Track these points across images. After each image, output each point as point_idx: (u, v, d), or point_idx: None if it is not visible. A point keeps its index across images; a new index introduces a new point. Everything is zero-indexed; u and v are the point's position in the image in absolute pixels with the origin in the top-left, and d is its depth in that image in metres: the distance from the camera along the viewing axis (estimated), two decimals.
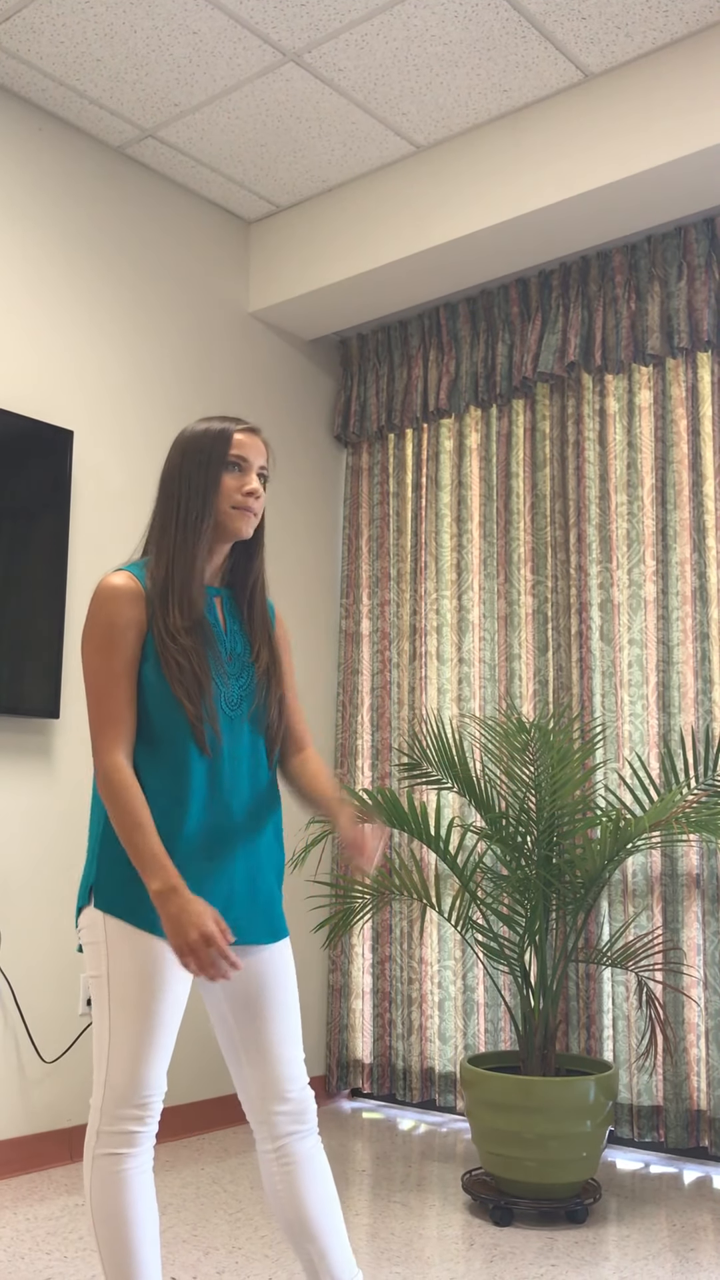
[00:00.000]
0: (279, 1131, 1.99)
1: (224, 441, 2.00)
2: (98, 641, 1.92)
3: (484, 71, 3.56)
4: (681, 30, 3.38)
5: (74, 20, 3.36)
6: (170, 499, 2.01)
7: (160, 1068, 1.90)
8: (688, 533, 3.74)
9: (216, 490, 1.99)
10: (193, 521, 1.98)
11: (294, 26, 3.38)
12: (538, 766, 3.23)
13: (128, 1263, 1.86)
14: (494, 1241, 2.90)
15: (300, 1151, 1.99)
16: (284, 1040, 2.00)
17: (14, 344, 3.63)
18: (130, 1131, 1.88)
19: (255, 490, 2.00)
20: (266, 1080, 1.99)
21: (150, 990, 1.88)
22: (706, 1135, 3.50)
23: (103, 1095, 1.89)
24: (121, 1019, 1.88)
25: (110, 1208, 1.86)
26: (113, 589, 1.94)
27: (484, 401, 4.24)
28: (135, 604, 1.94)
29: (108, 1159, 1.87)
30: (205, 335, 4.24)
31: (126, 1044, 1.88)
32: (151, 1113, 1.90)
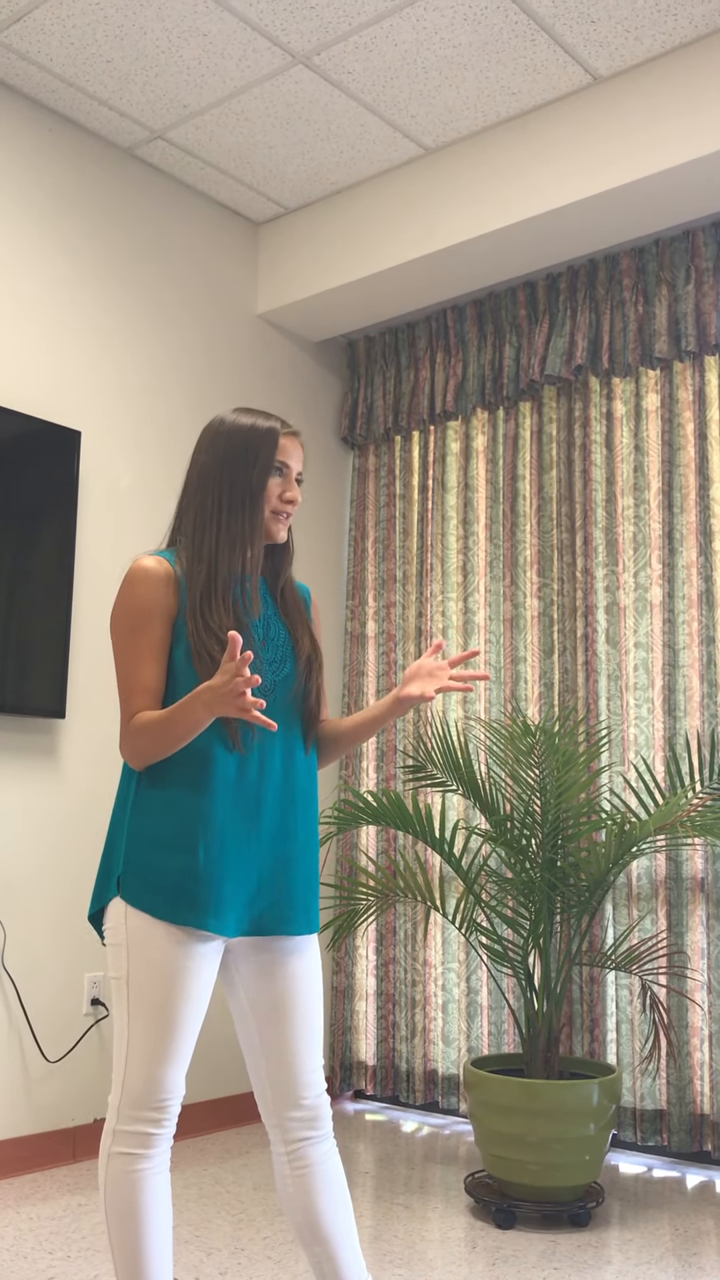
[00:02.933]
0: (292, 1135, 1.99)
1: (270, 445, 1.98)
2: (128, 623, 1.91)
3: (492, 74, 3.56)
4: (690, 34, 3.38)
5: (84, 22, 3.37)
6: (210, 495, 1.98)
7: (178, 1071, 1.89)
8: (694, 536, 3.74)
9: (263, 496, 1.98)
10: (235, 525, 1.96)
11: (303, 29, 3.38)
12: (543, 769, 3.23)
13: (137, 1263, 1.86)
14: (496, 1244, 2.90)
15: (313, 1156, 1.98)
16: (302, 1045, 1.98)
17: (22, 345, 3.63)
18: (145, 1133, 1.88)
19: (294, 498, 2.01)
20: (282, 1083, 1.98)
21: (171, 992, 1.87)
22: (710, 1139, 3.49)
23: (120, 1096, 1.88)
24: (141, 1021, 1.87)
25: (123, 1208, 1.86)
26: (145, 571, 1.93)
27: (491, 404, 4.24)
28: (167, 587, 1.92)
29: (122, 1158, 1.87)
30: (213, 336, 4.25)
31: (145, 1046, 1.87)
32: (168, 1115, 1.89)
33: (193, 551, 1.97)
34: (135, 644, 1.91)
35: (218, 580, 1.94)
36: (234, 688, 1.73)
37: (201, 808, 1.90)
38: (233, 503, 1.96)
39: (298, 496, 2.01)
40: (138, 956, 1.88)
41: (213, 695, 1.76)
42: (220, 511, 1.96)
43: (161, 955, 1.87)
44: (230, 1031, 4.04)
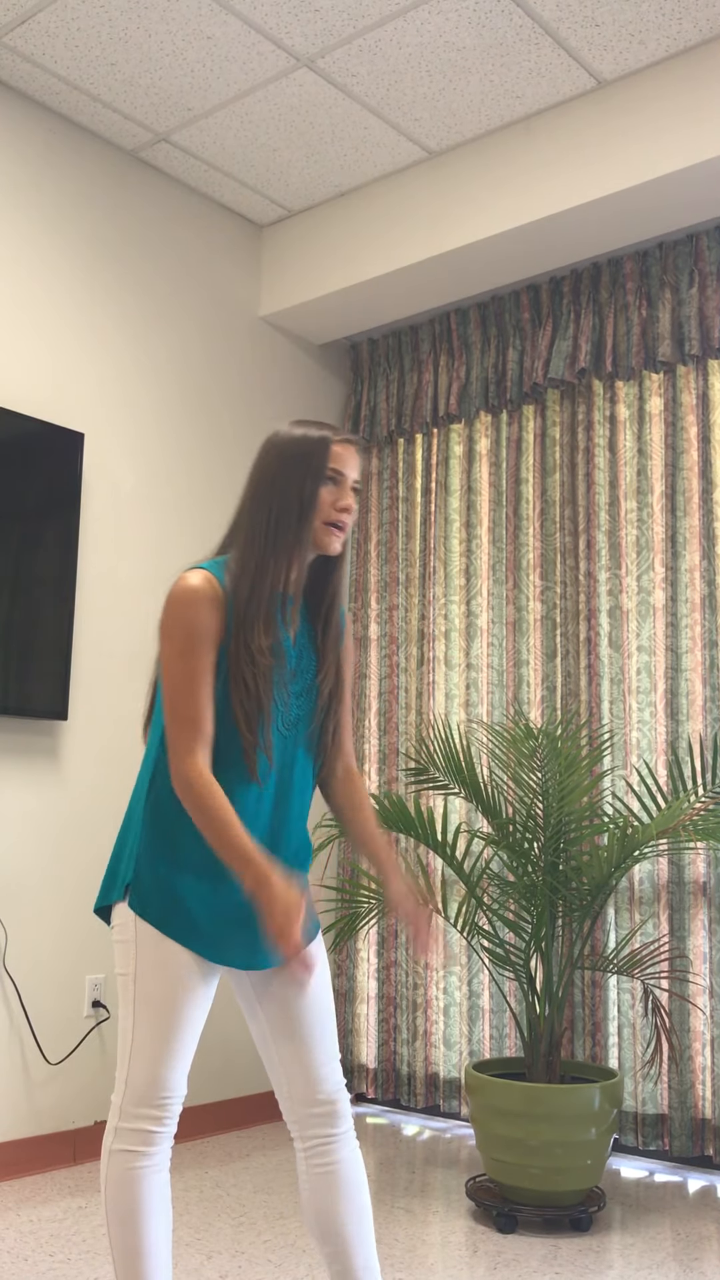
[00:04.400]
0: (310, 1133, 1.99)
1: (323, 452, 1.94)
2: (180, 645, 1.88)
3: (496, 78, 3.56)
4: (695, 37, 3.38)
5: (88, 24, 3.37)
6: (262, 506, 1.94)
7: (180, 1070, 1.90)
8: (697, 540, 3.73)
9: (314, 505, 1.93)
10: (285, 536, 1.92)
11: (307, 32, 3.39)
12: (545, 773, 3.22)
13: (136, 1262, 1.87)
14: (498, 1249, 2.89)
15: (332, 1156, 1.98)
16: (316, 1040, 1.99)
17: (26, 346, 3.64)
18: (146, 1131, 1.88)
19: (349, 506, 1.96)
20: (298, 1080, 1.98)
21: (175, 993, 1.88)
22: (711, 1144, 3.48)
23: (123, 1093, 1.89)
24: (145, 1019, 1.88)
25: (123, 1206, 1.87)
26: (194, 592, 1.88)
27: (494, 407, 4.24)
28: (216, 608, 1.89)
29: (123, 1155, 1.88)
30: (216, 339, 4.25)
31: (148, 1044, 1.88)
32: (169, 1114, 1.90)
33: (241, 565, 1.93)
34: (187, 668, 1.87)
35: (263, 598, 1.91)
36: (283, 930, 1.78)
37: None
38: (283, 513, 1.92)
39: (353, 505, 1.96)
40: (145, 956, 1.89)
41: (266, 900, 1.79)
42: (271, 523, 1.92)
43: (167, 959, 1.89)
44: (230, 1035, 4.04)
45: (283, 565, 1.93)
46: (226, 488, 4.23)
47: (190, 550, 4.07)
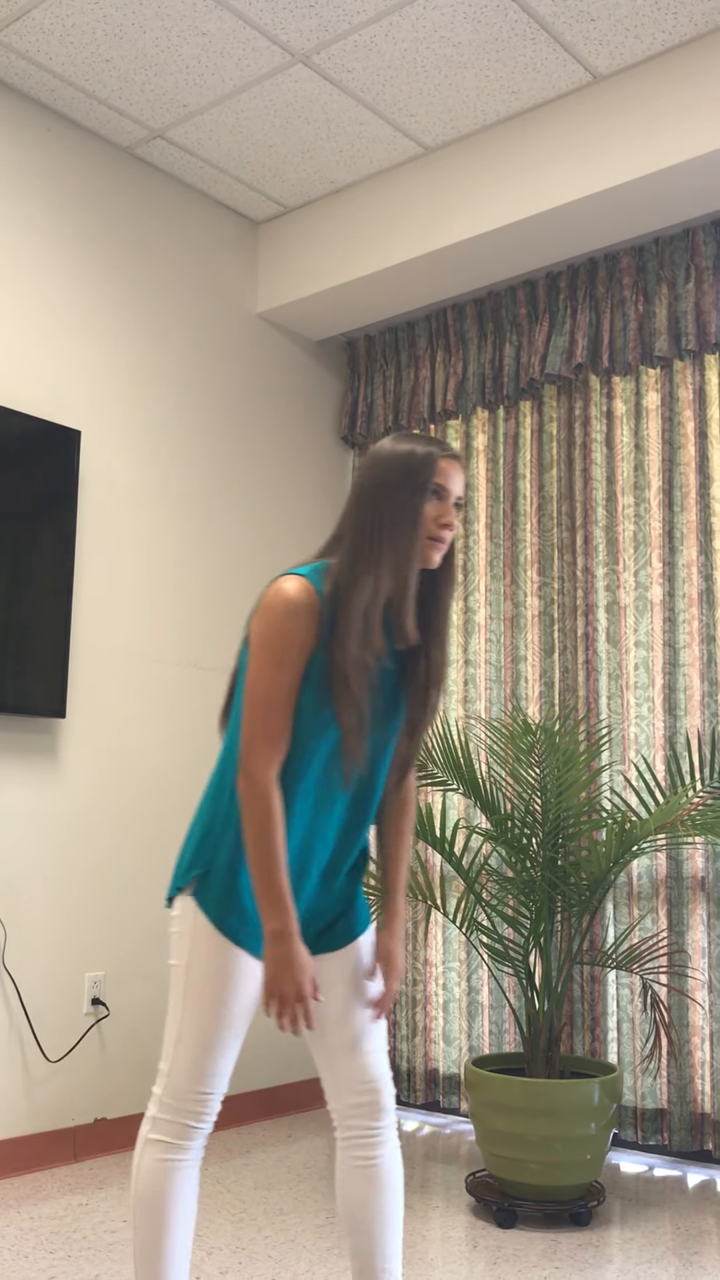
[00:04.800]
0: (351, 1124, 2.00)
1: (430, 467, 1.94)
2: (277, 655, 1.88)
3: (492, 73, 3.56)
4: (691, 32, 3.38)
5: (83, 21, 3.37)
6: (367, 518, 1.94)
7: (222, 1065, 1.92)
8: (694, 535, 3.73)
9: (419, 519, 1.93)
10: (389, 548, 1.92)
11: (303, 28, 3.38)
12: (543, 768, 3.23)
13: (156, 1253, 1.90)
14: (497, 1244, 2.90)
15: (370, 1151, 1.99)
16: (364, 1031, 2.01)
17: (21, 344, 3.63)
18: (184, 1125, 1.90)
19: (451, 522, 1.96)
20: (343, 1070, 2.00)
21: (224, 989, 1.90)
22: (711, 1138, 3.49)
23: (164, 1085, 1.92)
24: (192, 1012, 1.90)
25: (150, 1196, 1.90)
26: (293, 605, 1.88)
27: (491, 403, 4.24)
28: (312, 621, 1.89)
29: (157, 1146, 1.91)
30: (213, 336, 4.25)
31: (193, 1037, 1.90)
32: (208, 1110, 1.92)
33: (343, 575, 1.93)
34: (278, 678, 1.87)
35: (366, 610, 1.91)
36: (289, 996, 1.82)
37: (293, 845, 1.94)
38: (389, 526, 1.93)
39: (454, 522, 1.96)
40: (199, 948, 1.90)
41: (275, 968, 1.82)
42: (376, 536, 1.93)
43: (220, 955, 1.90)
44: None
45: (386, 578, 1.93)
46: (223, 484, 4.23)
47: (189, 547, 4.07)
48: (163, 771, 3.91)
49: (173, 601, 4.00)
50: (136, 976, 3.77)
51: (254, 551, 4.32)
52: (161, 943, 3.85)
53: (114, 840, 3.74)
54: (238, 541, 4.26)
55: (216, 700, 4.11)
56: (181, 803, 3.95)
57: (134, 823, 3.80)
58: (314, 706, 1.91)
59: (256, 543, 4.33)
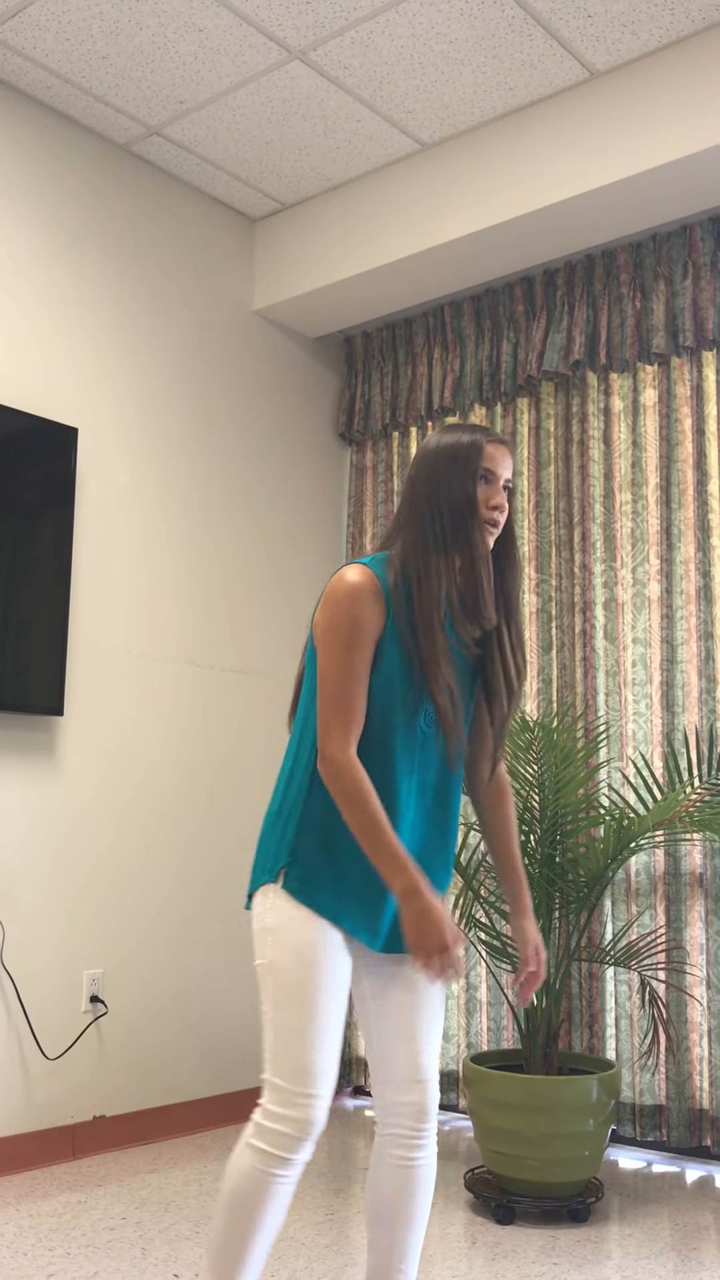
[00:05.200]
0: (393, 1122, 2.00)
1: (476, 453, 1.99)
2: (345, 638, 1.91)
3: (489, 69, 3.56)
4: (688, 28, 3.38)
5: (79, 17, 3.36)
6: (424, 507, 1.99)
7: (322, 1061, 1.87)
8: (692, 532, 3.73)
9: (474, 504, 1.98)
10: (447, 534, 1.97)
11: (299, 24, 3.38)
12: (541, 765, 3.23)
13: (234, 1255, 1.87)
14: (496, 1240, 2.90)
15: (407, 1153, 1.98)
16: (420, 1032, 2.00)
17: (18, 341, 3.63)
18: (285, 1134, 1.85)
19: (501, 504, 2.00)
20: (395, 1066, 1.99)
21: (317, 973, 1.87)
22: (709, 1135, 3.49)
23: (266, 1091, 1.88)
24: (284, 1002, 1.87)
25: (245, 1201, 1.86)
26: (358, 588, 1.93)
27: (488, 400, 4.24)
28: (378, 604, 1.93)
29: (257, 1154, 1.86)
30: (210, 333, 4.24)
31: (288, 1030, 1.87)
32: (310, 1116, 1.86)
33: (404, 562, 1.98)
34: (350, 661, 1.91)
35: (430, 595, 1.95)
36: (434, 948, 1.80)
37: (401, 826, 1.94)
38: (445, 513, 1.97)
39: (505, 504, 2.00)
40: (288, 935, 1.89)
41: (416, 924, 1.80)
42: (432, 523, 1.97)
43: (313, 932, 1.88)
44: (231, 1028, 4.05)
45: (443, 563, 1.97)
46: (221, 481, 4.23)
47: (186, 544, 4.07)
48: (160, 769, 3.91)
49: (170, 599, 4.00)
50: (135, 974, 3.77)
51: (252, 548, 4.32)
52: (159, 938, 3.85)
53: (112, 838, 3.74)
54: (235, 538, 4.26)
55: (214, 697, 4.11)
56: (179, 800, 3.96)
57: (132, 820, 3.80)
58: (390, 692, 1.93)
59: (254, 540, 4.33)
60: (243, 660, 4.22)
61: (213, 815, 4.07)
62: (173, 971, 3.88)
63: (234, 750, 4.16)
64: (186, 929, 3.94)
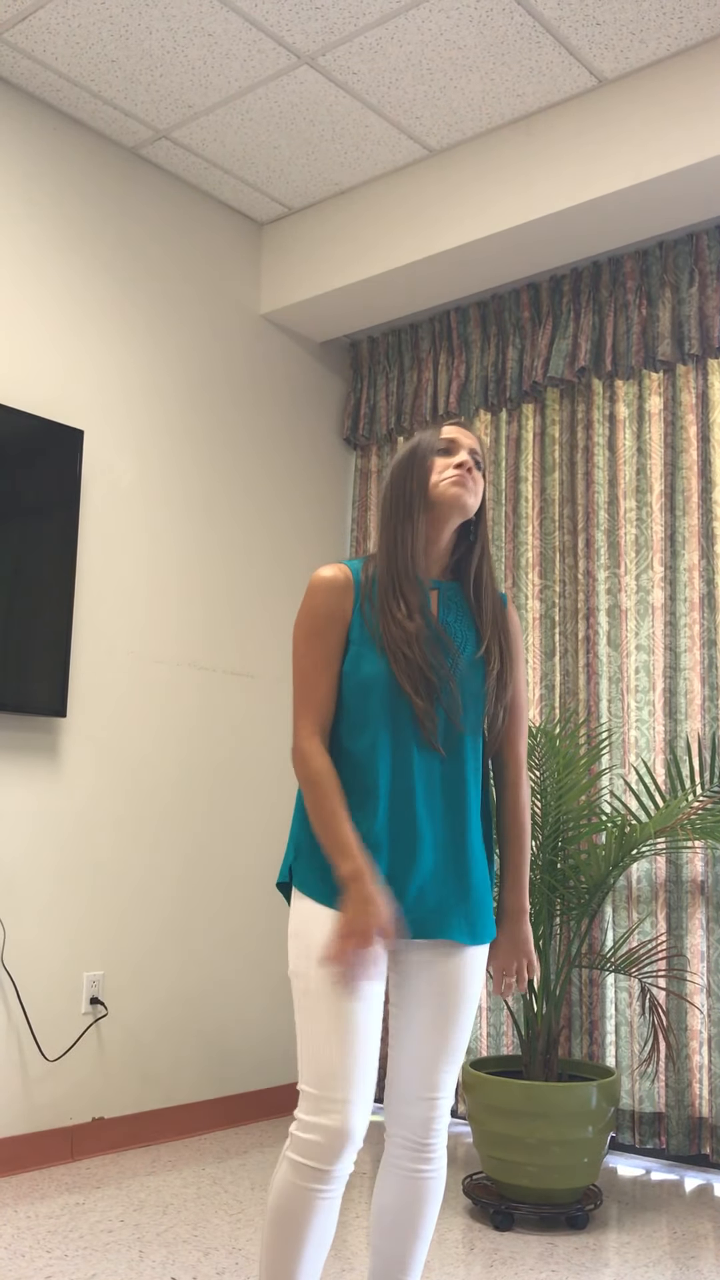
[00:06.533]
0: (403, 1135, 1.96)
1: (433, 434, 2.01)
2: (305, 629, 1.94)
3: (497, 76, 3.56)
4: (696, 37, 3.38)
5: (89, 21, 3.37)
6: (387, 499, 2.01)
7: (351, 1062, 1.80)
8: (696, 539, 3.74)
9: (428, 471, 1.97)
10: (406, 507, 1.97)
11: (308, 29, 3.39)
12: (543, 771, 3.23)
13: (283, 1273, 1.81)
14: (494, 1246, 2.90)
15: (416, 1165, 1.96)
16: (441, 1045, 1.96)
17: (25, 343, 3.64)
18: (320, 1144, 1.78)
19: (465, 461, 1.97)
20: (409, 1076, 1.96)
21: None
22: (708, 1143, 3.49)
23: (300, 1098, 1.84)
24: (312, 1006, 1.83)
25: (286, 1219, 1.80)
26: (322, 580, 1.95)
27: (494, 406, 4.24)
28: (343, 595, 1.95)
29: (293, 1167, 1.81)
30: (216, 336, 4.25)
31: (317, 1035, 1.82)
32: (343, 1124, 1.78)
33: (377, 549, 2.00)
34: (310, 650, 1.93)
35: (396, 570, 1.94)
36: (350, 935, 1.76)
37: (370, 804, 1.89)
38: (404, 491, 1.98)
39: (469, 461, 1.97)
40: (311, 935, 1.85)
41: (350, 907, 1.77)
42: (394, 504, 1.99)
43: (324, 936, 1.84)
44: (230, 1030, 4.04)
45: (408, 534, 1.96)
46: (226, 485, 4.23)
47: (191, 547, 4.07)
48: (162, 771, 3.91)
49: (174, 601, 4.00)
50: (135, 976, 3.77)
51: (256, 552, 4.32)
52: (159, 941, 3.85)
53: (114, 839, 3.74)
54: (240, 542, 4.26)
55: (217, 700, 4.12)
56: (180, 802, 3.96)
57: (134, 822, 3.81)
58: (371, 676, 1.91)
59: (259, 543, 4.34)
60: (245, 663, 4.23)
61: (214, 817, 4.07)
62: (173, 974, 3.88)
63: (235, 752, 4.17)
64: (188, 932, 3.94)
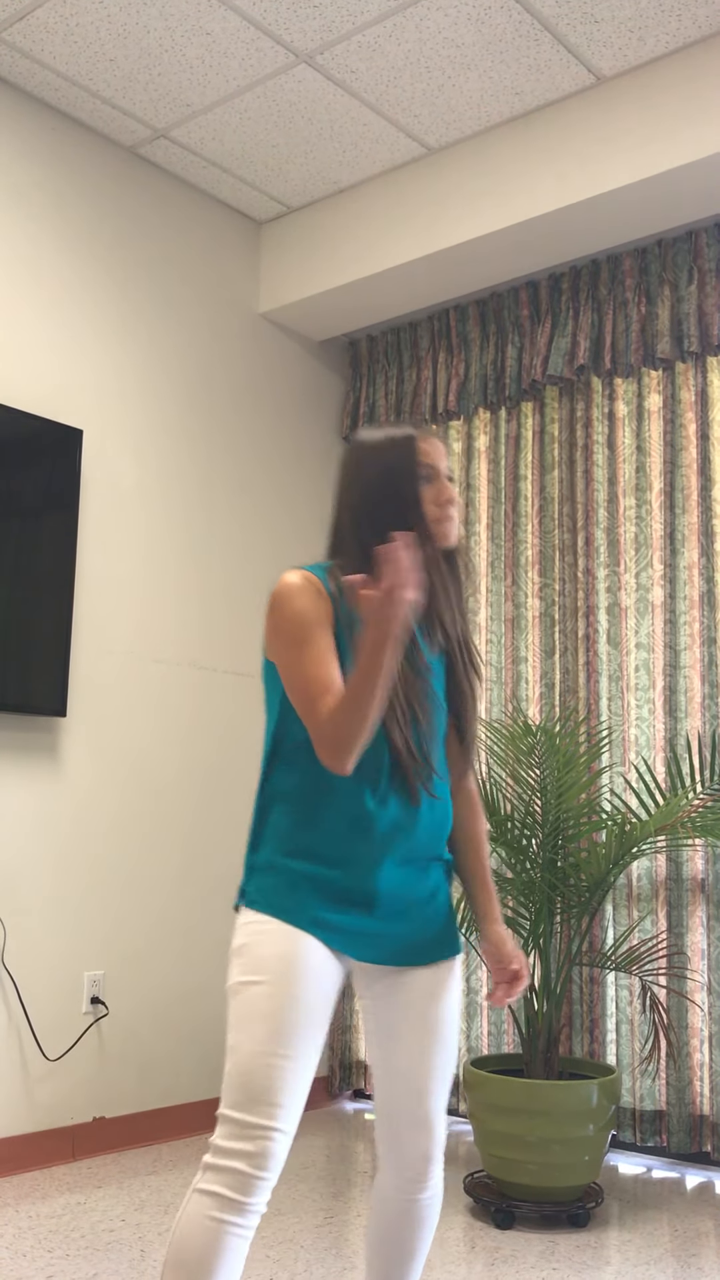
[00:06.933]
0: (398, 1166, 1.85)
1: (411, 452, 1.86)
2: (289, 637, 1.77)
3: (496, 74, 3.56)
4: (694, 34, 3.38)
5: (87, 20, 3.37)
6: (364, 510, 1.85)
7: (285, 1088, 1.66)
8: (695, 537, 3.73)
9: (418, 505, 1.84)
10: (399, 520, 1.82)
11: (306, 28, 3.38)
12: (543, 770, 3.23)
13: None
14: (495, 1244, 2.90)
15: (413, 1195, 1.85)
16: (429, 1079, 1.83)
17: (24, 343, 3.64)
18: (240, 1172, 1.62)
19: (452, 498, 1.87)
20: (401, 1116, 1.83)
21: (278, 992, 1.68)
22: (709, 1140, 3.49)
23: (219, 1123, 1.68)
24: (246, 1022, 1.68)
25: (192, 1261, 1.62)
26: (295, 585, 1.79)
27: (493, 404, 4.24)
28: (320, 598, 1.79)
29: (207, 1198, 1.63)
30: (215, 335, 4.25)
31: (246, 1052, 1.67)
32: (267, 1150, 1.64)
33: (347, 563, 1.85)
34: (303, 654, 1.75)
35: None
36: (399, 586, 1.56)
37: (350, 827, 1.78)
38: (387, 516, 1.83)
39: (455, 496, 1.87)
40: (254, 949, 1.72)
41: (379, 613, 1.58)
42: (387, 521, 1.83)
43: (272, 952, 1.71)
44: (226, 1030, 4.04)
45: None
46: (226, 484, 4.23)
47: (189, 547, 4.07)
48: (163, 770, 3.91)
49: (174, 601, 4.00)
50: (136, 976, 3.77)
51: (255, 551, 4.32)
52: (160, 939, 3.85)
53: (114, 839, 3.74)
54: (239, 541, 4.26)
55: (216, 699, 4.11)
56: (181, 801, 3.96)
57: (134, 822, 3.81)
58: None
59: (258, 542, 4.33)
60: (245, 663, 4.23)
61: (214, 817, 4.07)
62: (174, 973, 3.88)
63: (235, 752, 4.16)
64: (188, 931, 3.94)
